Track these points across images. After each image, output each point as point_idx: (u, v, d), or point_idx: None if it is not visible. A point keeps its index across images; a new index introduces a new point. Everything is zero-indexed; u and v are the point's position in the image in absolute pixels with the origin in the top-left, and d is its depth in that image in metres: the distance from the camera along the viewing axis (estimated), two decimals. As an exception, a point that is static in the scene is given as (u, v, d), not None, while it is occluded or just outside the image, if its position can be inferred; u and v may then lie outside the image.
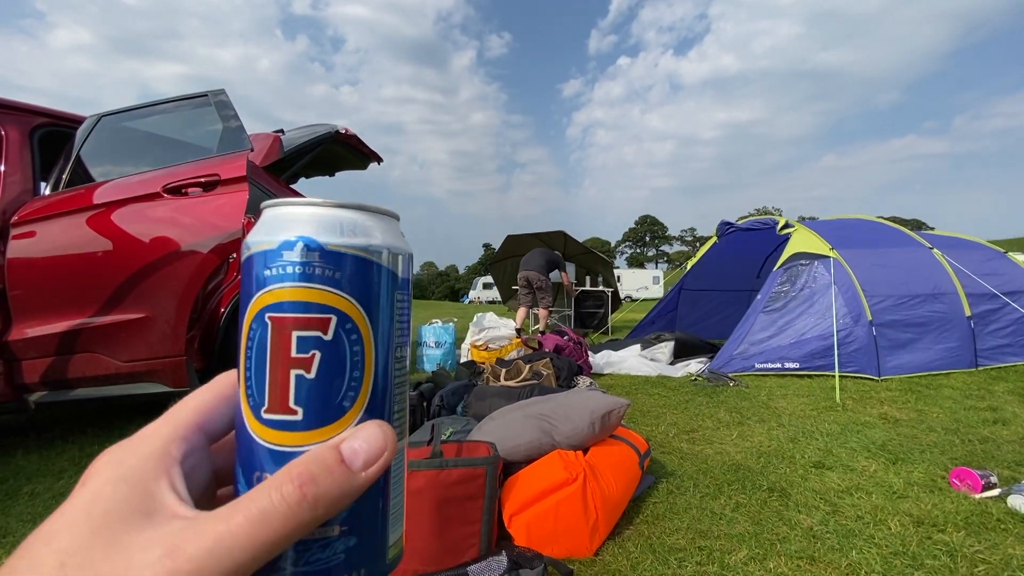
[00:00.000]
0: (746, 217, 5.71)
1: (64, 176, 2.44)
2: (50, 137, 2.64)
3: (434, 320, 4.76)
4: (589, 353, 4.34)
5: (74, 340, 2.27)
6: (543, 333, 4.71)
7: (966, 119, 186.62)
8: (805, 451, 2.34)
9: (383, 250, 0.24)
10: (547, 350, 3.83)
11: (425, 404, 2.64)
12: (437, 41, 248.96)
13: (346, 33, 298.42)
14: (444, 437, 1.95)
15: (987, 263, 4.70)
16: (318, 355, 0.22)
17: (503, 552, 1.24)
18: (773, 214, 5.81)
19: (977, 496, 1.84)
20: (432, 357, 4.51)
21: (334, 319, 0.22)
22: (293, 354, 0.22)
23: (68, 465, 2.23)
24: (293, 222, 0.23)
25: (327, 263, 0.22)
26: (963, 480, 1.92)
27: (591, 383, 3.37)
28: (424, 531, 1.38)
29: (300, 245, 0.22)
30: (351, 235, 0.23)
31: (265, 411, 0.22)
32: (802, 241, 4.51)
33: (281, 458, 0.22)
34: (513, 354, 4.06)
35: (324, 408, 0.22)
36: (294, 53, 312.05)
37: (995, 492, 1.85)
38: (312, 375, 0.22)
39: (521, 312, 6.44)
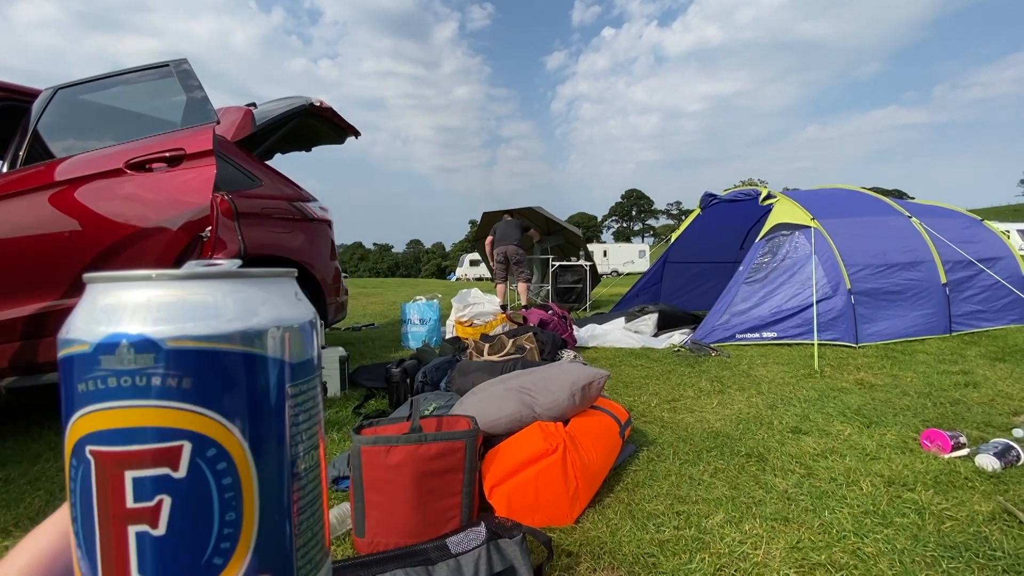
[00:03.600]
0: (731, 189, 5.70)
1: (21, 153, 2.33)
2: (3, 112, 2.52)
3: (418, 297, 4.73)
4: (574, 327, 4.36)
5: (42, 323, 2.20)
6: (526, 307, 4.71)
7: (945, 89, 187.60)
8: (783, 417, 2.38)
9: (265, 334, 0.17)
10: (532, 325, 3.84)
11: (408, 381, 2.64)
12: (417, 12, 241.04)
13: (323, 4, 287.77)
14: (427, 412, 1.95)
15: (964, 231, 4.78)
16: (167, 502, 0.16)
17: (482, 523, 1.25)
18: (757, 186, 5.81)
19: (946, 456, 1.90)
20: (417, 334, 4.50)
21: (187, 447, 0.16)
22: (129, 504, 0.16)
23: (44, 450, 2.19)
24: (118, 309, 0.17)
25: (170, 369, 0.16)
26: (933, 441, 1.98)
27: (575, 356, 3.39)
28: (405, 505, 1.38)
29: (124, 346, 0.16)
30: (208, 320, 0.17)
31: None
32: (784, 212, 4.53)
33: None
34: (498, 329, 4.05)
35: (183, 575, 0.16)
36: (270, 26, 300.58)
37: (963, 452, 1.90)
38: (160, 531, 0.16)
39: (500, 288, 6.39)
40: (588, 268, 7.25)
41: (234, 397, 0.17)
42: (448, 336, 4.43)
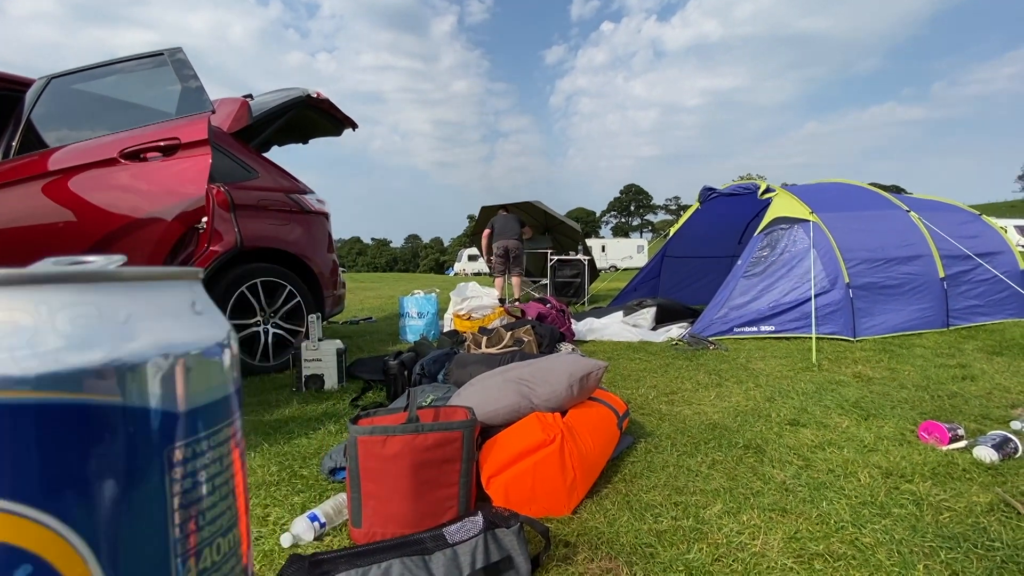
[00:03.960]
0: (729, 184, 5.69)
1: (14, 143, 2.31)
2: (-4, 101, 2.49)
3: (416, 291, 4.71)
4: (572, 320, 4.35)
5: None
6: (517, 300, 4.71)
7: (944, 85, 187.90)
8: (781, 410, 2.38)
9: (140, 369, 0.11)
10: (529, 318, 3.83)
11: (406, 373, 2.63)
12: (416, 6, 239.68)
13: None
14: (424, 403, 1.94)
15: (962, 225, 4.78)
16: None
17: (479, 513, 1.24)
18: (756, 180, 5.81)
19: (944, 448, 1.90)
20: (414, 328, 4.48)
21: None
22: None
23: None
24: None
25: None
26: (931, 433, 1.97)
27: (573, 349, 3.38)
28: (401, 495, 1.37)
29: None
30: (16, 354, 0.10)
31: None
32: (783, 206, 4.52)
33: None
34: (496, 323, 4.04)
35: None
36: (267, 19, 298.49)
37: (961, 444, 1.90)
38: None
39: (498, 282, 6.45)
40: (586, 263, 7.25)
41: (66, 480, 0.10)
42: (446, 330, 4.43)
